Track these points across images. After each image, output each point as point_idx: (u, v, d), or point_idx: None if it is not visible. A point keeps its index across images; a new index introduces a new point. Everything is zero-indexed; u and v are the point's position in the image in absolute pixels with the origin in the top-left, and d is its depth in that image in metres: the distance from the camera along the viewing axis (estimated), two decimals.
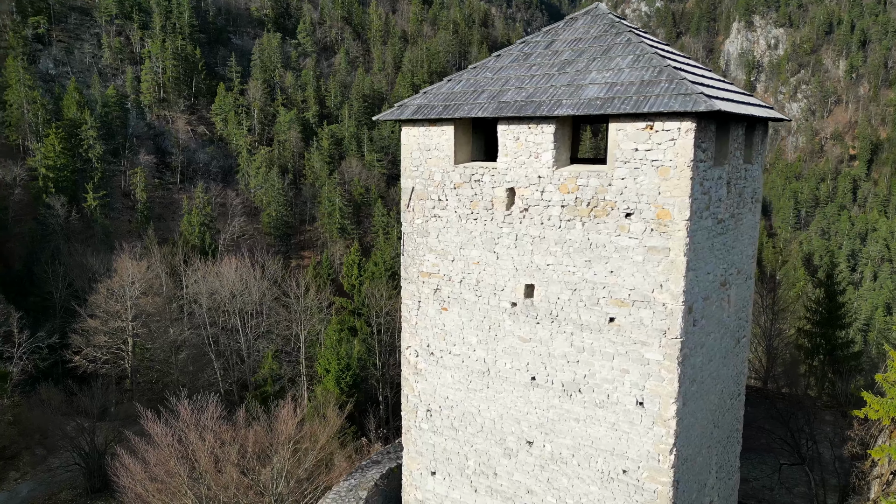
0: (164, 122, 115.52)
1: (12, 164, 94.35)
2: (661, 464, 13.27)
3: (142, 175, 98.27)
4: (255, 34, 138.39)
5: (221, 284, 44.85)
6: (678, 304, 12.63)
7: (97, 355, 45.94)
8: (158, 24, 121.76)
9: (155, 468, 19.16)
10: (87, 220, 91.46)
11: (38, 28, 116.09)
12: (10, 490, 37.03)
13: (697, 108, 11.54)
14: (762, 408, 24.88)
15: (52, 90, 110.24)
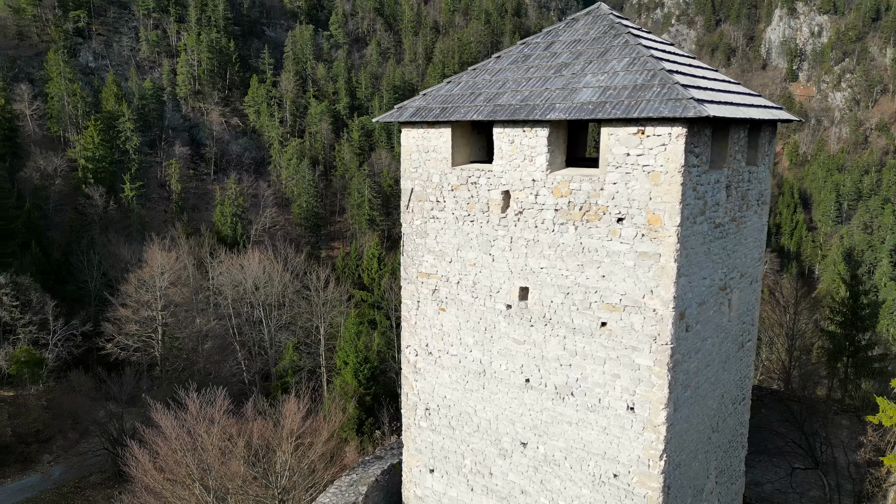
0: (198, 113, 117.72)
1: (53, 156, 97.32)
2: (651, 469, 13.26)
3: (177, 166, 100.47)
4: (288, 26, 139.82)
5: (245, 277, 45.77)
6: (668, 310, 12.55)
7: (128, 343, 47.39)
8: (194, 17, 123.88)
9: (164, 459, 19.87)
10: (125, 211, 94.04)
11: (79, 22, 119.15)
12: (43, 472, 38.55)
13: (686, 114, 11.42)
14: (777, 410, 24.50)
15: (92, 83, 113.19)
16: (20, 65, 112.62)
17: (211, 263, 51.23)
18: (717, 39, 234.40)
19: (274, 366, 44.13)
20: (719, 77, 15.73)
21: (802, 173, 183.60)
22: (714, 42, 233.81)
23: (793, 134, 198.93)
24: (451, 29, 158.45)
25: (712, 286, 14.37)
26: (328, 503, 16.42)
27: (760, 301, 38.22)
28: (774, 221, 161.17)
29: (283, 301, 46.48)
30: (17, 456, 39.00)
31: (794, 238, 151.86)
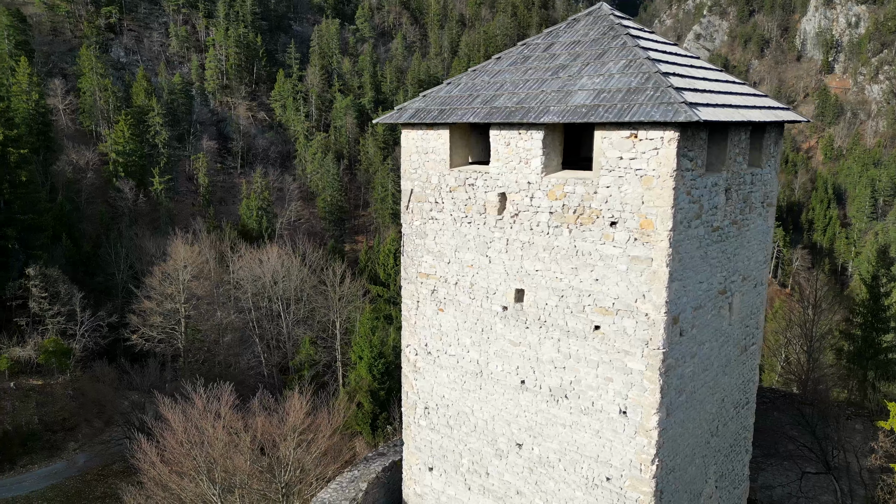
0: (226, 108, 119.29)
1: (85, 150, 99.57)
2: (643, 473, 13.23)
3: (204, 160, 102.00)
4: (315, 20, 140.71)
5: (263, 271, 46.46)
6: (660, 314, 12.49)
7: (152, 335, 48.46)
8: (222, 12, 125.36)
9: (171, 452, 20.37)
10: (153, 204, 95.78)
11: (111, 18, 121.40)
12: (69, 459, 39.70)
13: (677, 119, 11.32)
14: (788, 414, 24.16)
15: (123, 78, 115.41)
16: (54, 60, 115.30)
17: (231, 258, 52.09)
18: (750, 30, 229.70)
19: (291, 360, 44.79)
20: (722, 78, 15.54)
21: (837, 168, 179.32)
22: (747, 33, 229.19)
23: (828, 128, 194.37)
24: (476, 22, 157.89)
25: (710, 290, 14.24)
26: (328, 498, 16.69)
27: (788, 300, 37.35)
28: (807, 217, 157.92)
29: (300, 295, 47.10)
30: (44, 443, 40.31)
31: (828, 234, 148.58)
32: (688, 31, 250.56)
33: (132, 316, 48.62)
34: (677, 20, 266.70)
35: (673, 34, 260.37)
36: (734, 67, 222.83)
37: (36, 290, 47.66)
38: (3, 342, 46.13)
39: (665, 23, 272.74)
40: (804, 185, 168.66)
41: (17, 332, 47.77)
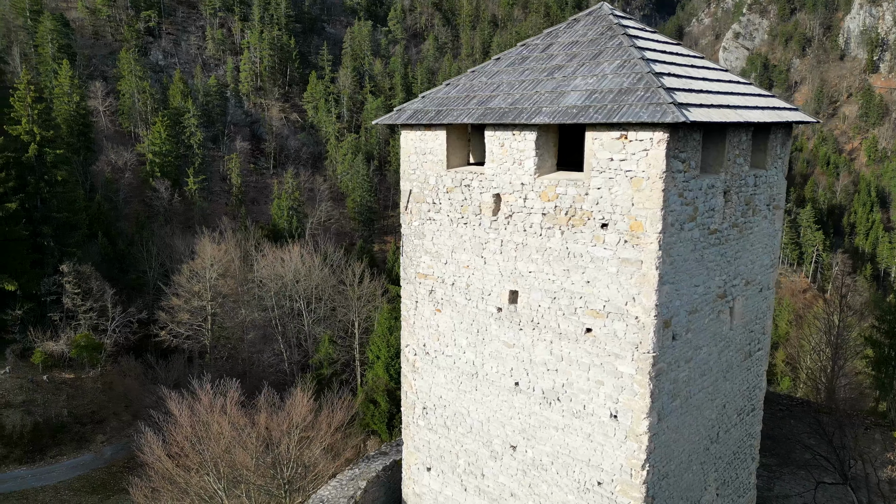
0: (259, 109, 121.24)
1: (123, 150, 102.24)
2: (634, 479, 13.06)
3: (237, 161, 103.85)
4: (348, 22, 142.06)
5: (285, 270, 47.11)
6: (650, 318, 12.32)
7: (180, 331, 49.55)
8: (257, 15, 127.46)
9: (179, 446, 20.83)
10: (188, 203, 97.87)
11: (150, 22, 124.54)
12: (97, 451, 40.82)
13: (664, 119, 11.17)
14: (805, 422, 23.53)
15: (161, 80, 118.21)
16: (95, 63, 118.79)
17: (256, 257, 52.99)
18: (791, 29, 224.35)
19: (310, 358, 45.33)
20: (724, 78, 15.24)
21: (881, 170, 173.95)
22: (788, 32, 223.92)
23: (871, 129, 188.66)
24: (508, 23, 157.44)
25: (707, 294, 13.98)
26: (328, 496, 16.86)
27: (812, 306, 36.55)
28: (849, 220, 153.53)
29: (320, 295, 47.64)
30: (73, 435, 41.55)
31: (870, 238, 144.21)
32: (726, 29, 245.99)
33: (161, 313, 49.78)
34: (716, 19, 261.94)
35: (711, 33, 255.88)
36: (774, 67, 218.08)
37: (69, 287, 49.16)
38: (38, 337, 47.71)
39: (703, 21, 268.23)
40: (846, 188, 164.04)
41: (50, 327, 49.35)
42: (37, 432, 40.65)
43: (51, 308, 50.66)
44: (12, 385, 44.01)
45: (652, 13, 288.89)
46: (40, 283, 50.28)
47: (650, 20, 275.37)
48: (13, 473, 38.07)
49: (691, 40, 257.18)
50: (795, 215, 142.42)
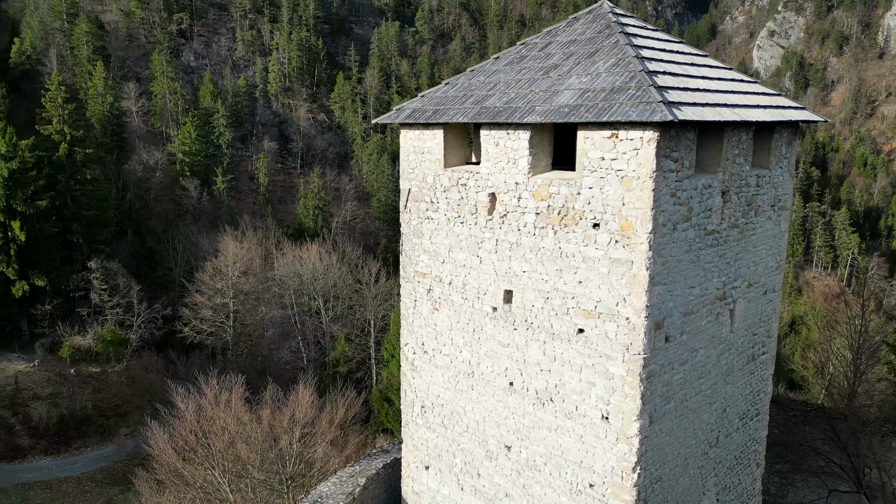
0: (287, 109, 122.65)
1: (155, 150, 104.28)
2: (625, 481, 12.93)
3: (264, 160, 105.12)
4: (376, 23, 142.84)
5: (303, 269, 47.63)
6: (640, 319, 12.19)
7: (203, 328, 50.40)
8: (286, 16, 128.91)
9: (184, 440, 21.23)
10: (216, 202, 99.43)
11: (182, 24, 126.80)
12: (119, 444, 41.75)
13: (653, 118, 11.04)
14: (820, 429, 23.03)
15: (192, 81, 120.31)
16: (129, 65, 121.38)
17: (276, 255, 53.70)
18: (828, 27, 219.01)
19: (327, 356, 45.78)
20: (727, 76, 14.99)
21: None
22: (825, 30, 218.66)
23: None
24: (536, 22, 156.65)
25: (704, 295, 13.77)
26: (326, 492, 17.01)
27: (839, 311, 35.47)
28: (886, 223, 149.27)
29: (337, 293, 48.06)
30: (97, 428, 42.57)
31: None
32: (761, 27, 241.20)
33: (185, 309, 50.70)
34: (750, 16, 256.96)
35: (745, 31, 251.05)
36: (810, 66, 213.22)
37: (97, 283, 50.38)
38: (66, 331, 48.98)
39: (737, 19, 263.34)
40: (883, 190, 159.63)
41: (78, 322, 50.63)
42: (62, 424, 41.76)
43: (79, 303, 51.97)
44: (40, 378, 45.27)
45: (684, 11, 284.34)
46: (69, 279, 51.65)
47: (682, 18, 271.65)
48: (39, 464, 39.19)
49: (724, 38, 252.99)
50: (830, 217, 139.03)
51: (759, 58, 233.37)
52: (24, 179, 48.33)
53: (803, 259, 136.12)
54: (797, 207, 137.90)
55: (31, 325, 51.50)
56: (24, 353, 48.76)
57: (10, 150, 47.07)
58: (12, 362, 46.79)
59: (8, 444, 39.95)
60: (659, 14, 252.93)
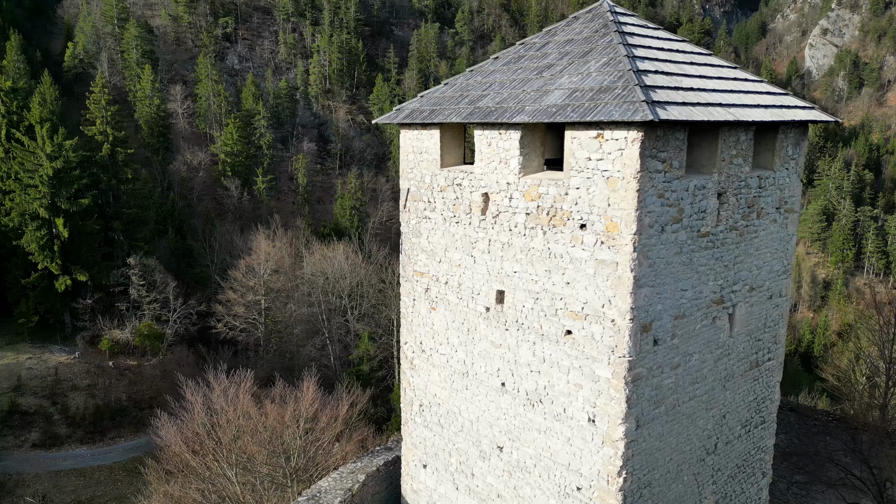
0: (327, 111, 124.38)
1: (199, 150, 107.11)
2: (610, 485, 12.77)
3: (303, 161, 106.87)
4: (416, 25, 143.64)
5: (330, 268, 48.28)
6: (625, 321, 12.03)
7: (235, 324, 51.57)
8: (328, 19, 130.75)
9: (193, 431, 21.81)
10: (256, 201, 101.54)
11: (227, 28, 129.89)
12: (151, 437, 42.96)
13: (634, 118, 10.90)
14: (842, 440, 22.23)
15: (236, 84, 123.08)
16: (176, 68, 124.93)
17: (304, 254, 54.60)
18: (885, 24, 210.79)
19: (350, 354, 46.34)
20: (730, 76, 14.66)
21: None
22: (881, 27, 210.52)
23: None
24: None
25: (698, 299, 13.49)
26: (327, 487, 17.26)
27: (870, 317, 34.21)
28: None
29: (362, 292, 48.57)
30: (132, 419, 43.98)
31: None
32: (813, 25, 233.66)
33: (218, 306, 51.96)
34: (802, 14, 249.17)
35: (797, 29, 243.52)
36: (865, 65, 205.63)
37: (135, 279, 52.06)
38: (106, 325, 50.76)
39: (788, 17, 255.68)
40: None
41: (117, 316, 52.40)
42: (98, 415, 43.27)
43: (118, 298, 53.78)
44: (80, 369, 47.04)
45: (733, 9, 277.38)
46: (110, 275, 53.49)
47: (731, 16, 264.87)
48: (74, 452, 40.72)
49: (775, 37, 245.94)
50: (883, 222, 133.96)
51: (811, 57, 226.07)
52: (68, 178, 50.32)
53: (854, 265, 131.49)
54: (848, 212, 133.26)
55: (73, 319, 53.55)
56: (65, 346, 50.77)
57: (55, 150, 49.08)
58: (54, 354, 48.77)
59: (46, 432, 41.66)
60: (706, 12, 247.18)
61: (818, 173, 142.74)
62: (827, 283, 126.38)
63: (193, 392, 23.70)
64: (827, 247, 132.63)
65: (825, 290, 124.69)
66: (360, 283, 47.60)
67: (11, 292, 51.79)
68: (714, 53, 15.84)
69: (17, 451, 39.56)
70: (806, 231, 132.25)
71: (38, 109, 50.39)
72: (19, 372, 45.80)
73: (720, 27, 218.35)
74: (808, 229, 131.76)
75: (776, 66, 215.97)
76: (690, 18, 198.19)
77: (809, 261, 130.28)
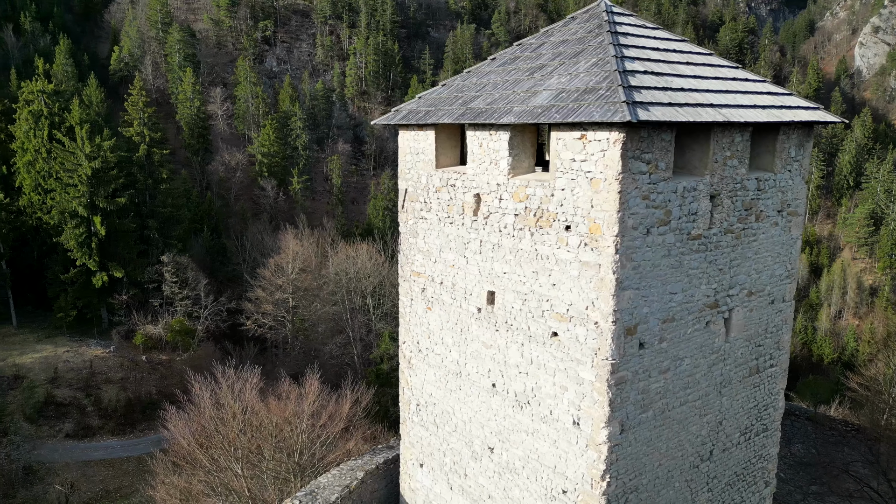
0: (362, 113, 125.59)
1: (236, 151, 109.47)
2: (594, 489, 12.67)
3: (338, 162, 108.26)
4: (452, 26, 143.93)
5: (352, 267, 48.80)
6: (608, 323, 11.92)
7: (264, 321, 52.53)
8: (364, 21, 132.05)
9: (200, 425, 22.34)
10: (291, 201, 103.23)
11: (266, 31, 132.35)
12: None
13: (613, 119, 10.81)
14: (861, 451, 21.53)
15: (274, 86, 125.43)
16: (217, 70, 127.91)
17: (330, 254, 55.31)
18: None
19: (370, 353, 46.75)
20: (728, 76, 14.36)
21: None
22: None
23: None
24: None
25: (690, 302, 13.27)
26: (325, 483, 17.50)
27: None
28: None
29: (384, 292, 48.93)
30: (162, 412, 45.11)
31: None
32: (864, 23, 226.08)
33: (247, 303, 53.03)
34: (852, 12, 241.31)
35: (846, 27, 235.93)
36: None
37: (168, 276, 53.53)
38: (140, 320, 52.31)
39: (838, 15, 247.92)
40: None
41: (151, 312, 53.94)
42: (129, 407, 44.61)
43: (152, 294, 55.37)
44: (114, 363, 48.57)
45: (780, 7, 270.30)
46: (144, 272, 55.10)
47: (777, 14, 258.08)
48: (105, 443, 42.06)
49: (823, 35, 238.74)
50: None
51: (862, 55, 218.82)
52: (106, 178, 52.04)
53: None
54: None
55: (109, 314, 55.31)
56: (102, 340, 52.48)
57: (93, 151, 50.81)
58: (91, 347, 50.47)
59: (80, 423, 43.14)
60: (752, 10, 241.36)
61: (866, 176, 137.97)
62: (874, 290, 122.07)
63: (202, 386, 24.32)
64: (874, 252, 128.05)
65: (871, 297, 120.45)
66: (381, 282, 48.02)
67: (52, 287, 53.85)
68: (714, 53, 15.55)
69: (51, 441, 41.09)
70: (853, 235, 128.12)
71: (78, 111, 52.26)
72: (56, 364, 47.54)
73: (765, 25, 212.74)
74: (855, 234, 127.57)
75: (824, 66, 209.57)
76: (734, 17, 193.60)
77: (856, 266, 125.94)
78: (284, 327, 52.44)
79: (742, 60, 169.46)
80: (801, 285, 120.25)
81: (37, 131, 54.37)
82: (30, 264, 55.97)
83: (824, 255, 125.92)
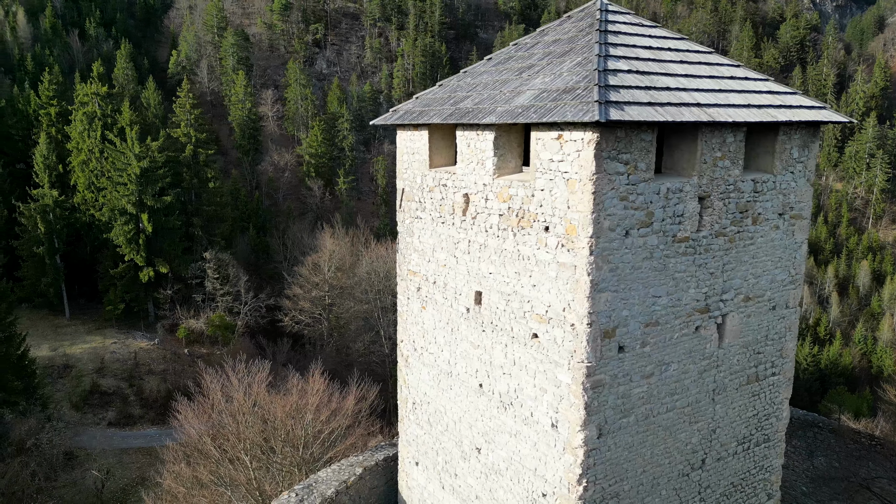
0: None
1: (285, 152, 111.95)
2: (571, 493, 12.52)
3: (383, 163, 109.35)
4: (501, 27, 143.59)
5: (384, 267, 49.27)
6: (583, 325, 11.78)
7: (301, 318, 53.60)
8: (412, 23, 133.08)
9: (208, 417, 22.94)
10: (338, 201, 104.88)
11: (317, 34, 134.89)
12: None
13: (584, 119, 10.69)
14: (886, 467, 20.55)
15: (323, 88, 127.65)
16: (269, 73, 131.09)
17: (363, 253, 56.01)
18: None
19: None
20: (725, 74, 13.96)
21: None
22: None
23: None
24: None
25: (676, 306, 12.97)
26: (324, 477, 17.79)
27: None
28: None
29: None
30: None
31: None
32: None
33: (285, 300, 54.23)
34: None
35: None
36: None
37: (210, 272, 55.21)
38: (183, 314, 54.14)
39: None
40: None
41: (194, 307, 55.74)
42: (169, 398, 46.06)
43: (195, 290, 57.21)
44: (157, 355, 50.42)
45: (847, 3, 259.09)
46: (188, 268, 57.00)
47: (844, 11, 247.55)
48: (146, 432, 43.66)
49: (894, 32, 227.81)
50: None
51: None
52: (154, 177, 54.08)
53: None
54: None
55: (155, 308, 57.45)
56: (147, 332, 54.57)
57: (142, 151, 52.91)
58: (136, 340, 52.55)
59: (122, 412, 44.93)
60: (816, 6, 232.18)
61: None
62: None
63: (212, 379, 25.07)
64: None
65: None
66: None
67: (102, 281, 56.31)
68: (714, 51, 15.13)
69: (95, 428, 42.94)
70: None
71: (129, 113, 54.50)
72: (104, 355, 49.67)
73: (828, 21, 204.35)
74: None
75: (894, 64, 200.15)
76: (795, 14, 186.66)
77: None
78: (321, 324, 53.38)
79: (804, 59, 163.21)
80: (863, 293, 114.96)
81: (90, 132, 56.97)
82: (83, 259, 58.65)
83: (888, 262, 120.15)
